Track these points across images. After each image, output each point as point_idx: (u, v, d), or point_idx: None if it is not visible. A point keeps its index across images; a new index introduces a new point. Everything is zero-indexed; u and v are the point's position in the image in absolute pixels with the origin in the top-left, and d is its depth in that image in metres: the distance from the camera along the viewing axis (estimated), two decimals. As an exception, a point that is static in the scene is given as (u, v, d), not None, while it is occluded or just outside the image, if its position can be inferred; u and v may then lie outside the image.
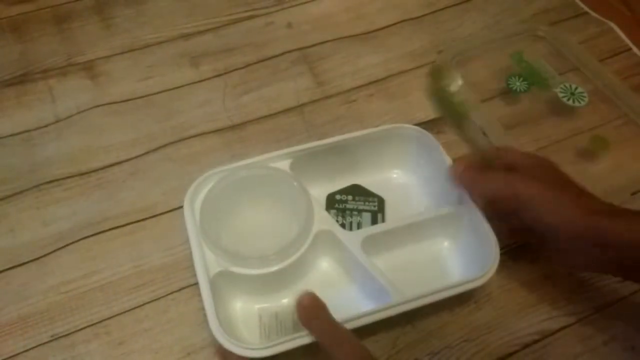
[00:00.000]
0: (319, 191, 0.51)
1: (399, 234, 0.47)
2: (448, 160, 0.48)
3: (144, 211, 0.50)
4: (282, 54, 0.62)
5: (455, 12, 0.67)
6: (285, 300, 0.45)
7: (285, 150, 0.48)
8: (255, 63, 0.61)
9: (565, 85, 0.55)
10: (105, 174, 0.53)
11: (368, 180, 0.52)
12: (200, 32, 0.64)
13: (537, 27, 0.61)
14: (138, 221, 0.50)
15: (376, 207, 0.50)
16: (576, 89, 0.55)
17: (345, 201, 0.51)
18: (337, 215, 0.50)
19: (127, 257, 0.48)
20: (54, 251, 0.48)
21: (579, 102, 0.54)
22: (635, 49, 0.63)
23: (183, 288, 0.46)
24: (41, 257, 0.48)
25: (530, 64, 0.58)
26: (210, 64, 0.61)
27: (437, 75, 0.47)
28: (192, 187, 0.46)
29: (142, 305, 0.46)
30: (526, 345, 0.45)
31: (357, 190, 0.51)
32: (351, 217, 0.50)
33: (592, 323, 0.46)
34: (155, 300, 0.46)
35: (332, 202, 0.51)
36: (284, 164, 0.47)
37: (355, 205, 0.50)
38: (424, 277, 0.46)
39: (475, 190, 0.44)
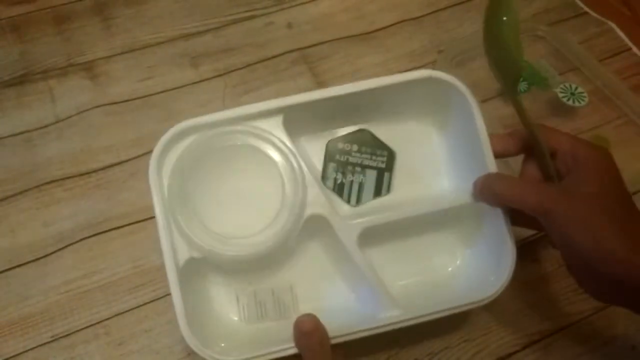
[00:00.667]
0: (319, 140, 0.42)
1: (403, 225, 0.40)
2: (483, 129, 0.40)
3: (144, 211, 0.50)
4: (282, 54, 0.62)
5: (455, 12, 0.67)
6: (266, 280, 0.41)
7: (277, 103, 0.39)
8: (255, 63, 0.61)
9: (565, 85, 0.55)
10: (106, 174, 0.53)
11: (379, 128, 0.43)
12: (200, 33, 0.64)
13: (537, 27, 0.61)
14: (138, 221, 0.50)
15: (384, 165, 0.42)
16: (576, 89, 0.55)
17: (349, 152, 0.43)
18: (337, 171, 0.42)
19: (127, 257, 0.48)
20: (55, 252, 0.48)
21: (579, 102, 0.54)
22: (635, 49, 0.63)
23: (183, 288, 0.46)
24: (41, 257, 0.48)
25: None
26: (210, 64, 0.61)
27: (501, 1, 0.38)
28: (158, 146, 0.38)
29: (142, 305, 0.46)
30: (526, 345, 0.45)
31: (364, 139, 0.43)
32: (353, 174, 0.42)
33: (592, 323, 0.46)
34: (156, 300, 0.46)
35: (333, 153, 0.43)
36: (276, 120, 0.39)
37: (360, 158, 0.43)
38: (426, 280, 0.42)
39: (500, 204, 0.39)
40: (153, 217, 0.50)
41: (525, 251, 0.49)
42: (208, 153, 0.39)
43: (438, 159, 0.44)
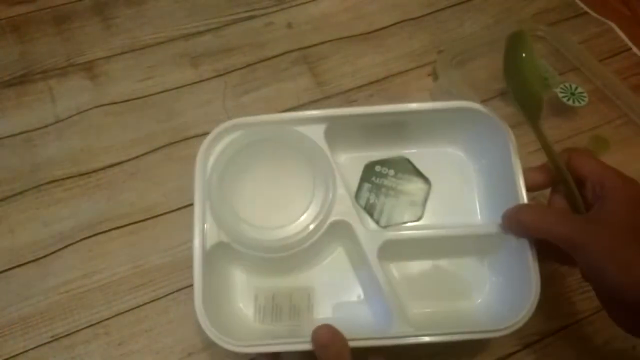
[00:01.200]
0: (358, 158, 0.43)
1: (426, 246, 0.41)
2: (517, 164, 0.40)
3: (144, 211, 0.50)
4: (282, 54, 0.62)
5: (455, 12, 0.67)
6: (285, 284, 0.42)
7: (322, 112, 0.41)
8: (255, 63, 0.61)
9: (565, 85, 0.55)
10: (106, 174, 0.53)
11: (417, 155, 0.44)
12: (200, 33, 0.64)
13: (537, 27, 0.61)
14: (138, 221, 0.50)
15: (417, 195, 0.44)
16: (576, 89, 0.55)
17: (385, 176, 0.44)
18: (371, 192, 0.43)
19: (127, 257, 0.48)
20: (55, 252, 0.48)
21: (579, 102, 0.54)
22: (635, 49, 0.63)
23: (183, 288, 0.46)
24: (41, 257, 0.48)
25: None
26: (210, 64, 0.61)
27: (518, 40, 0.40)
28: (208, 138, 0.41)
29: (142, 305, 0.46)
30: (527, 345, 0.45)
31: (402, 165, 0.44)
32: (386, 197, 0.43)
33: (592, 323, 0.46)
34: (156, 300, 0.46)
35: (370, 174, 0.44)
36: (319, 129, 0.41)
37: (396, 183, 0.43)
38: (442, 301, 0.42)
39: (528, 235, 0.38)
40: (153, 217, 0.50)
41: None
42: (249, 149, 0.41)
43: (472, 189, 0.45)
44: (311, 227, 0.40)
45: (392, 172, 0.44)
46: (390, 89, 0.60)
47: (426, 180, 0.44)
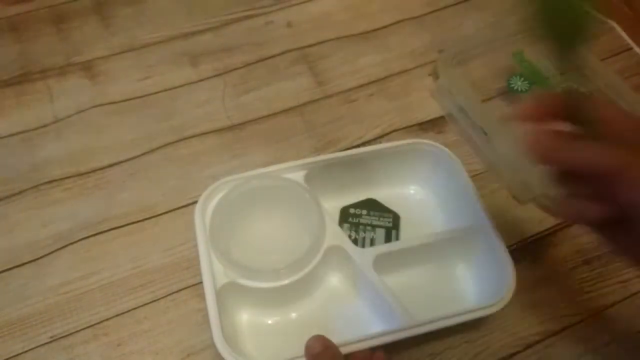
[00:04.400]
0: (333, 204, 0.50)
1: (412, 254, 0.46)
2: (466, 178, 0.47)
3: (144, 212, 0.50)
4: (282, 53, 0.62)
5: (455, 11, 0.67)
6: (294, 315, 0.45)
7: (300, 162, 0.47)
8: (255, 62, 0.61)
9: (566, 85, 0.55)
10: (105, 174, 0.53)
11: (384, 194, 0.51)
12: (199, 32, 0.63)
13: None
14: (137, 222, 0.50)
15: (391, 224, 0.49)
16: (577, 89, 0.55)
17: (360, 215, 0.50)
18: (351, 230, 0.49)
19: (127, 257, 0.48)
20: (53, 252, 0.48)
21: (580, 102, 0.54)
22: (636, 49, 0.63)
23: (183, 289, 0.46)
24: (40, 257, 0.48)
25: (532, 64, 0.58)
26: (209, 64, 0.61)
27: None
28: (203, 195, 0.45)
29: (142, 306, 0.45)
30: (528, 346, 0.44)
31: (372, 205, 0.50)
32: (364, 232, 0.49)
33: (593, 324, 0.46)
34: (155, 301, 0.46)
35: (346, 216, 0.50)
36: (299, 175, 0.47)
37: (370, 220, 0.49)
38: (436, 299, 0.46)
39: (560, 164, 0.33)
40: (152, 217, 0.50)
41: (526, 252, 0.49)
42: (241, 198, 0.46)
43: (436, 209, 0.51)
44: (310, 252, 0.43)
45: (364, 211, 0.50)
46: (390, 89, 0.60)
47: (395, 214, 0.50)
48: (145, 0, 0.66)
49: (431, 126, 0.57)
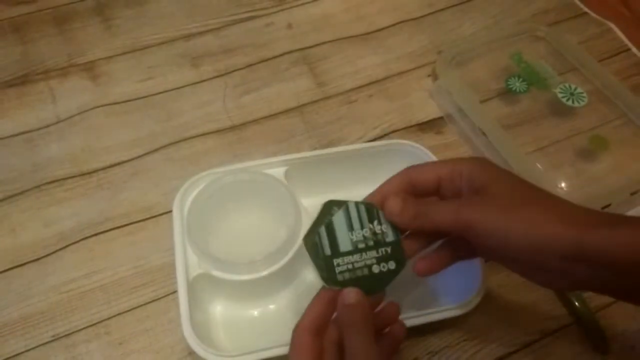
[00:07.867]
0: (314, 201, 0.48)
1: None
2: None
3: (145, 211, 0.51)
4: (282, 54, 0.62)
5: (455, 12, 0.67)
6: (272, 307, 0.45)
7: (282, 157, 0.48)
8: (256, 63, 0.62)
9: (564, 86, 0.55)
10: (106, 174, 0.53)
11: (363, 194, 0.51)
12: (200, 33, 0.64)
13: (537, 27, 0.61)
14: (139, 221, 0.50)
15: None
16: (575, 89, 0.55)
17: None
18: None
19: (128, 257, 0.48)
20: (55, 251, 0.48)
21: (579, 103, 0.55)
22: (634, 49, 0.63)
23: (184, 288, 0.46)
24: (42, 257, 0.48)
25: (530, 65, 0.58)
26: (210, 65, 0.61)
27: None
28: (181, 190, 0.46)
29: (143, 305, 0.46)
30: (526, 345, 0.45)
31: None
32: None
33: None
34: (156, 300, 0.46)
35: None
36: (279, 171, 0.47)
37: None
38: (419, 293, 0.46)
39: (419, 228, 0.36)
40: (153, 217, 0.50)
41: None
42: (220, 192, 0.46)
43: None
44: (286, 245, 0.43)
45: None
46: (390, 90, 0.60)
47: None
48: (147, 1, 0.66)
49: (430, 127, 0.57)
